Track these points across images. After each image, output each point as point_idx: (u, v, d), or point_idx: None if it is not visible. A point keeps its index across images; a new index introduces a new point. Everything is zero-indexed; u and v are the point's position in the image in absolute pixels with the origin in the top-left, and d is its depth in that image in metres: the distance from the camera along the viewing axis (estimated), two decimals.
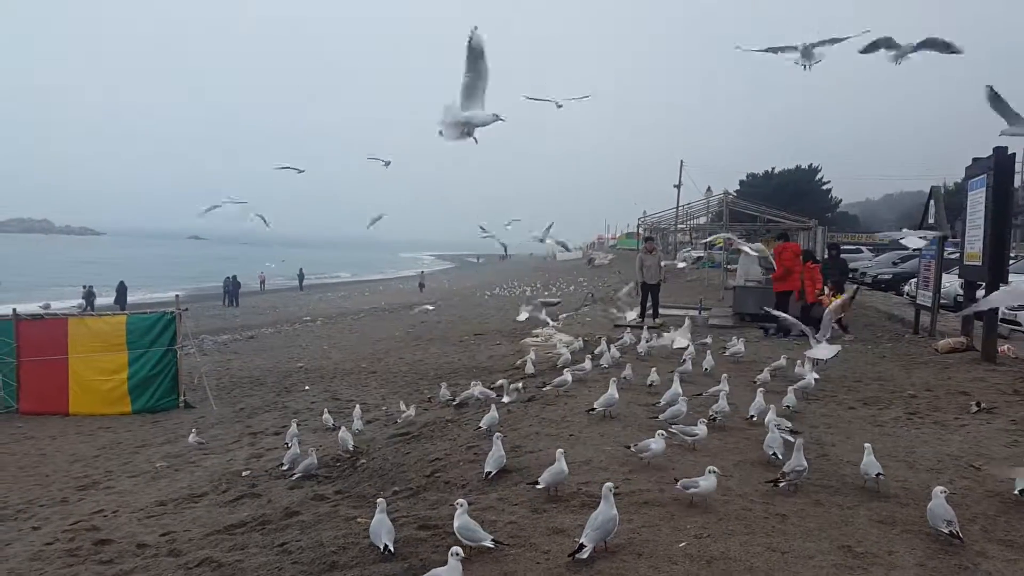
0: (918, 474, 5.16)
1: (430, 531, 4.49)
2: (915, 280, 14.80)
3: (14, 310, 14.24)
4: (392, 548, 4.09)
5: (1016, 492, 4.48)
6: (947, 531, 3.85)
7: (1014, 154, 10.26)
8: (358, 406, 9.71)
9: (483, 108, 5.65)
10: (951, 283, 14.72)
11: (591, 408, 6.94)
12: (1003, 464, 5.22)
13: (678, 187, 45.60)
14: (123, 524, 6.51)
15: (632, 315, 15.73)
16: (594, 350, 10.73)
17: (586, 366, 9.21)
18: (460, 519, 3.97)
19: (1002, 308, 12.36)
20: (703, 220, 40.04)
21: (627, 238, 69.09)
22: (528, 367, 10.88)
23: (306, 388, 13.79)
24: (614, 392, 6.88)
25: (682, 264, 15.02)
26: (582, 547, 3.74)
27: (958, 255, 12.30)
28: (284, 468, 7.45)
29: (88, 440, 11.16)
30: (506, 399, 8.52)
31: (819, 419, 6.96)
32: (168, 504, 7.02)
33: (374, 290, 49.90)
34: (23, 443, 11.03)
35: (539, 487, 4.78)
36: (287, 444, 8.15)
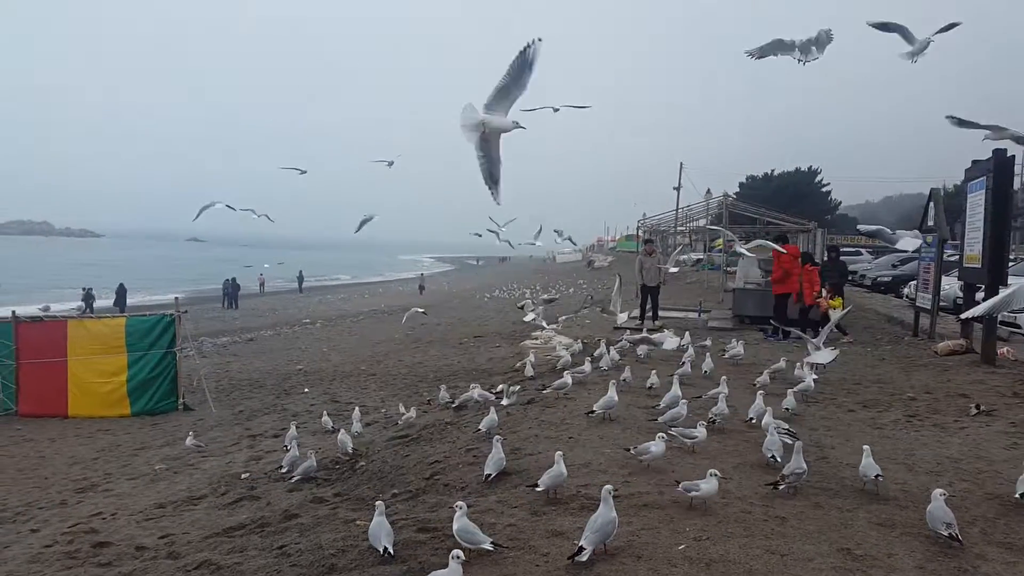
0: (917, 476, 5.16)
1: (429, 533, 4.49)
2: (915, 282, 14.81)
3: (13, 312, 14.22)
4: (392, 550, 4.09)
5: (1017, 495, 4.48)
6: (946, 533, 3.86)
7: (1013, 156, 10.27)
8: (357, 408, 9.71)
9: (506, 115, 5.61)
10: (950, 285, 14.73)
11: (590, 410, 6.94)
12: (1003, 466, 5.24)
13: (678, 189, 45.64)
14: (122, 526, 6.50)
15: (623, 316, 15.65)
16: (593, 352, 10.74)
17: (585, 368, 9.21)
18: (459, 521, 3.97)
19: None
20: (703, 222, 40.04)
21: (627, 240, 69.14)
22: (527, 369, 10.89)
23: (305, 390, 13.78)
24: (613, 394, 6.88)
25: (674, 268, 14.99)
26: (581, 550, 3.74)
27: (957, 257, 12.31)
28: (283, 470, 7.45)
29: (87, 442, 11.14)
30: (505, 402, 8.52)
31: (819, 421, 6.96)
32: (167, 506, 7.02)
33: (374, 292, 49.89)
34: (22, 445, 11.02)
35: (539, 489, 4.77)
36: (286, 446, 8.15)
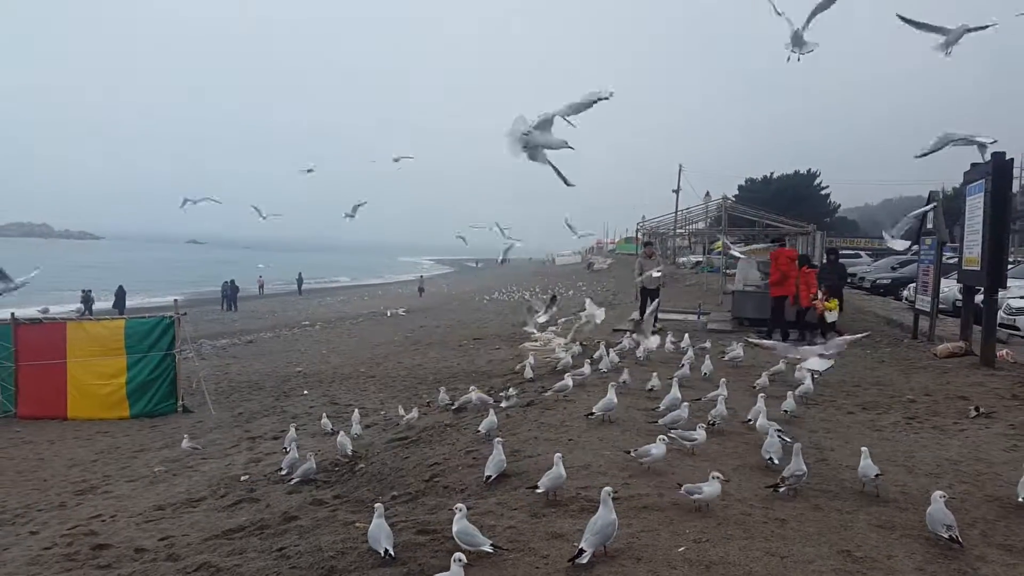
0: (917, 479, 5.16)
1: (429, 536, 4.48)
2: (914, 285, 14.82)
3: (12, 314, 14.22)
4: (393, 552, 4.08)
5: (1020, 499, 4.46)
6: (946, 535, 3.86)
7: (1012, 159, 10.30)
8: (357, 410, 9.71)
9: (551, 132, 5.64)
10: (950, 288, 14.75)
11: (590, 412, 6.94)
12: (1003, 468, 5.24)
13: (677, 192, 45.78)
14: (121, 529, 6.50)
15: (600, 313, 15.34)
16: (593, 355, 10.74)
17: (585, 371, 9.22)
18: (459, 524, 3.97)
19: (1000, 312, 12.39)
20: (702, 225, 40.10)
21: (626, 243, 69.18)
22: (527, 371, 10.90)
23: (305, 392, 13.77)
24: (613, 397, 6.88)
25: (657, 274, 14.99)
26: (582, 552, 3.74)
27: (957, 260, 12.32)
28: (283, 473, 7.45)
29: (86, 444, 11.13)
30: (504, 404, 8.52)
31: (818, 424, 6.96)
32: (166, 509, 7.01)
33: (373, 294, 49.88)
34: (21, 447, 11.01)
35: (538, 491, 4.77)
36: (286, 449, 8.14)
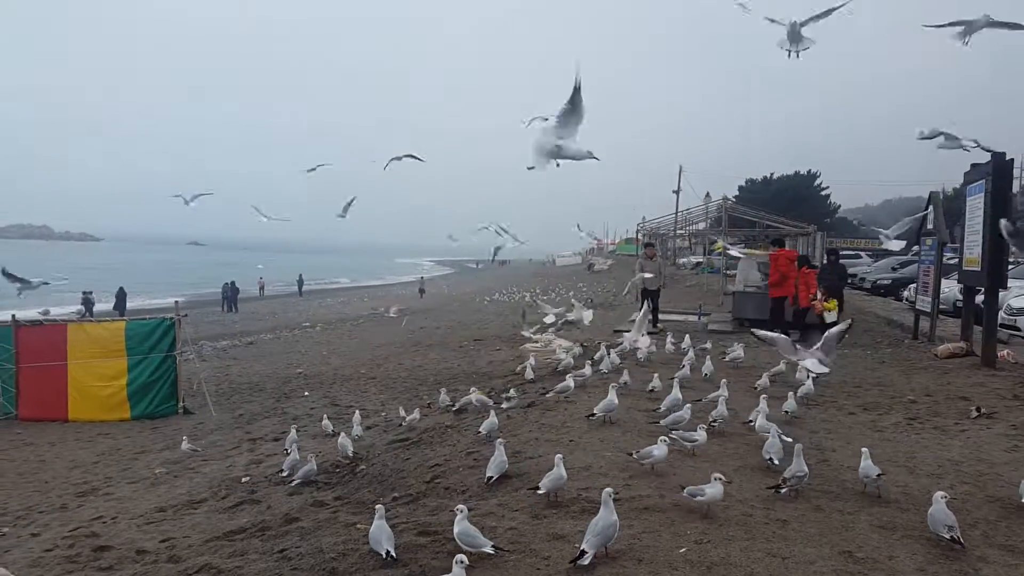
0: (918, 479, 5.16)
1: (430, 537, 4.48)
2: (914, 285, 14.82)
3: (13, 316, 14.23)
4: (394, 553, 4.08)
5: (1023, 500, 4.45)
6: (948, 536, 3.86)
7: (1012, 159, 10.30)
8: (358, 412, 9.71)
9: (575, 141, 5.63)
10: (950, 288, 14.74)
11: (591, 414, 6.93)
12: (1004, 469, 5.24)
13: (677, 193, 45.82)
14: (122, 530, 6.50)
15: (588, 314, 15.19)
16: (593, 356, 10.74)
17: (586, 372, 9.22)
18: (460, 525, 3.97)
19: (1001, 313, 12.38)
20: (702, 226, 40.12)
21: (626, 243, 69.17)
22: (528, 372, 10.90)
23: (305, 394, 13.77)
24: (613, 398, 6.87)
25: (649, 275, 15.00)
26: (583, 553, 3.74)
27: (957, 260, 12.32)
28: (284, 474, 7.45)
29: (87, 446, 11.14)
30: (505, 405, 8.53)
31: (819, 424, 6.96)
32: (167, 510, 7.01)
33: (374, 295, 49.84)
34: (22, 449, 11.02)
35: (539, 492, 4.77)
36: (286, 450, 8.14)
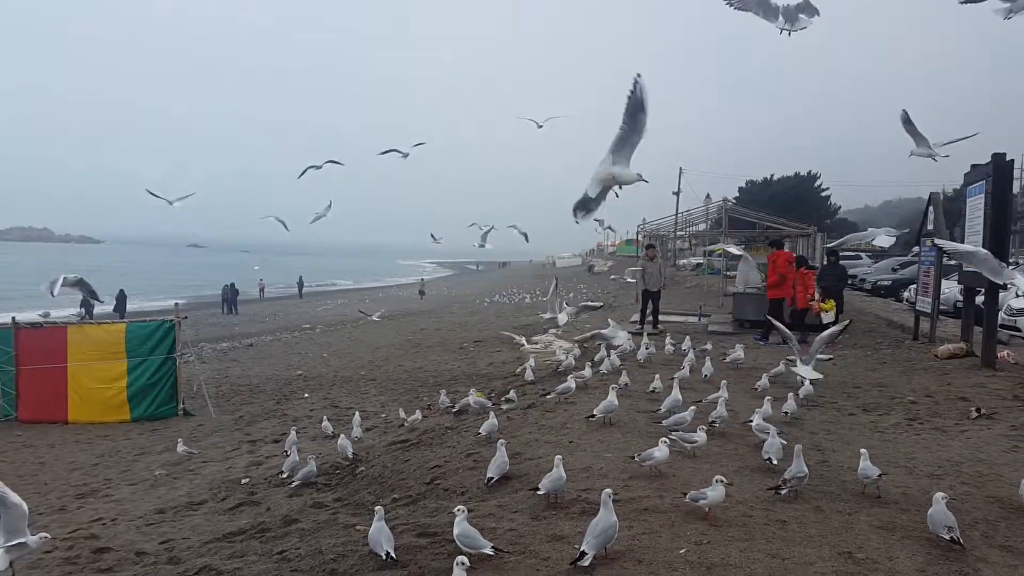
0: (918, 480, 5.15)
1: (429, 538, 4.48)
2: (914, 286, 14.83)
3: (13, 318, 14.23)
4: (394, 555, 4.08)
5: None
6: (948, 537, 3.85)
7: (1012, 160, 10.31)
8: (357, 413, 9.71)
9: (628, 164, 5.43)
10: (950, 289, 14.75)
11: (590, 415, 6.93)
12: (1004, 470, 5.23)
13: (677, 194, 45.78)
14: (122, 532, 6.49)
15: (563, 318, 14.89)
16: (593, 357, 10.73)
17: (585, 373, 9.21)
18: (460, 526, 3.96)
19: (1001, 313, 12.38)
20: (702, 227, 40.14)
21: (626, 245, 69.19)
22: (527, 374, 10.89)
23: (305, 396, 13.77)
24: (614, 399, 6.87)
25: (631, 279, 15.06)
26: (583, 555, 3.73)
27: (957, 261, 12.31)
28: (283, 476, 7.46)
29: (87, 448, 11.13)
30: (505, 407, 8.53)
31: (819, 425, 6.95)
32: (167, 512, 7.01)
33: (374, 297, 49.82)
34: (22, 451, 11.00)
35: (540, 493, 4.77)
36: (286, 452, 8.14)
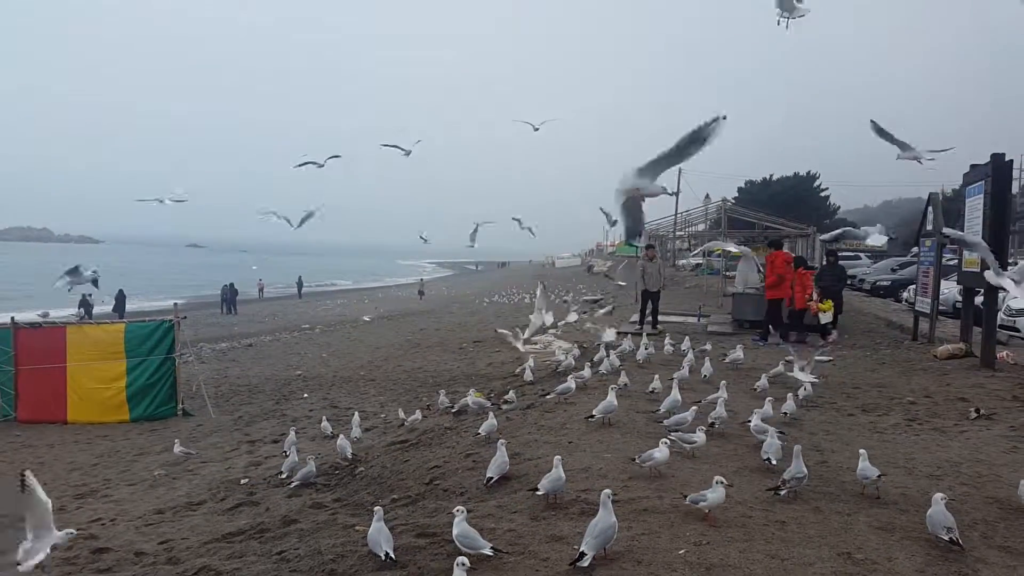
0: (917, 480, 5.15)
1: (428, 539, 4.48)
2: (913, 286, 14.84)
3: (12, 318, 14.21)
4: (393, 555, 4.08)
5: None
6: (947, 537, 3.85)
7: (1011, 160, 10.32)
8: (357, 414, 9.71)
9: (654, 180, 5.54)
10: (949, 290, 14.76)
11: (590, 415, 6.93)
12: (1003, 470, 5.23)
13: (676, 194, 45.74)
14: (121, 532, 6.49)
15: (548, 318, 14.77)
16: (593, 357, 10.73)
17: (585, 373, 9.21)
18: (459, 527, 3.96)
19: (1000, 314, 12.39)
20: (702, 227, 40.13)
21: (626, 245, 69.28)
22: (527, 374, 10.89)
23: (304, 396, 13.76)
24: (613, 399, 6.86)
25: (623, 282, 15.01)
26: (583, 555, 3.73)
27: (956, 262, 12.32)
28: (282, 476, 7.45)
29: (86, 448, 11.12)
30: (505, 408, 8.53)
31: (818, 426, 6.95)
32: (166, 512, 7.01)
33: (373, 297, 49.83)
34: (21, 452, 10.99)
35: (539, 494, 4.77)
36: (285, 452, 8.14)
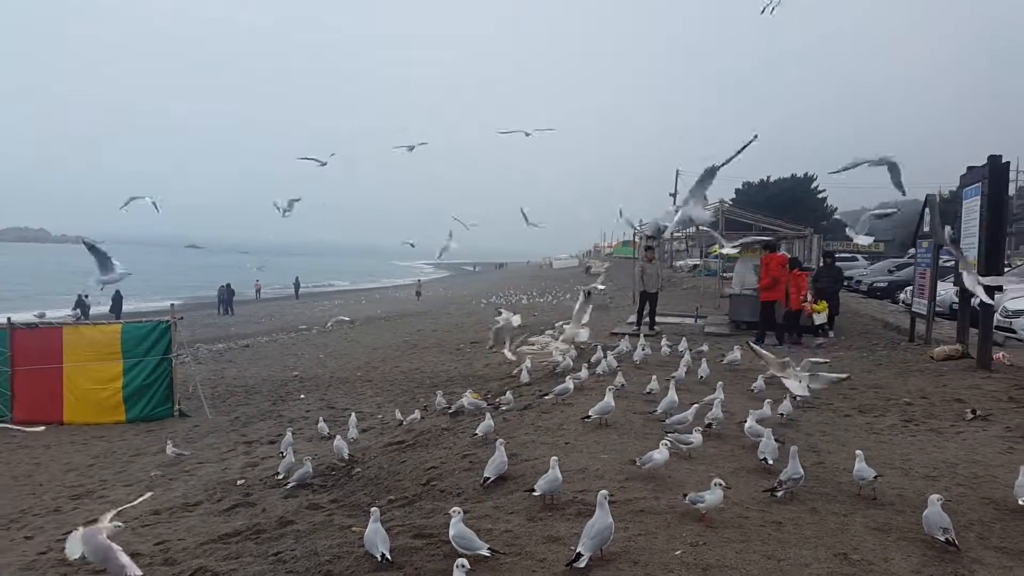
0: (914, 481, 5.16)
1: (425, 540, 4.47)
2: (910, 288, 14.87)
3: (8, 319, 14.18)
4: (389, 556, 4.07)
5: (1021, 501, 4.44)
6: (943, 538, 3.85)
7: (1008, 162, 10.33)
8: (353, 414, 9.70)
9: (701, 202, 6.14)
10: (946, 291, 14.78)
11: (586, 416, 6.93)
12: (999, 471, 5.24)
13: (674, 196, 45.93)
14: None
15: (517, 319, 14.64)
16: (590, 358, 10.73)
17: (582, 374, 9.22)
18: (456, 527, 3.96)
19: (997, 315, 12.43)
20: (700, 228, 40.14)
21: (623, 246, 69.44)
22: (523, 376, 10.89)
23: (301, 397, 13.74)
24: (610, 400, 6.86)
25: (602, 286, 15.02)
26: (579, 556, 3.73)
27: (953, 263, 12.34)
28: (279, 477, 7.43)
29: (82, 449, 11.09)
30: (502, 408, 8.53)
31: (815, 427, 6.96)
32: (162, 513, 6.98)
33: (370, 298, 49.80)
34: (17, 452, 10.96)
35: (536, 494, 4.77)
36: (282, 453, 8.13)
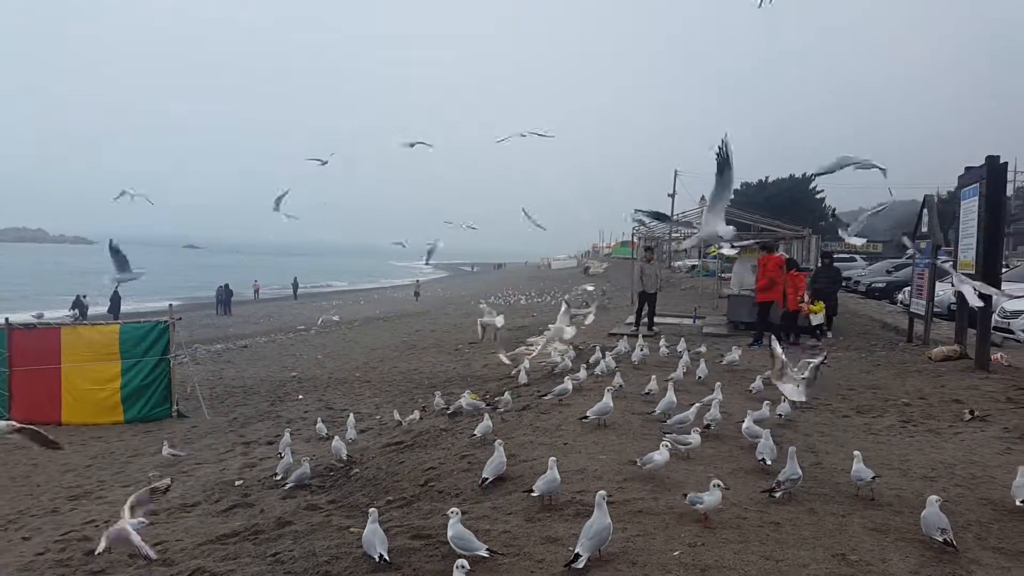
0: (912, 482, 5.17)
1: (423, 541, 4.47)
2: (908, 288, 14.88)
3: (6, 319, 14.15)
4: (387, 557, 4.07)
5: (1019, 502, 4.44)
6: (941, 539, 3.86)
7: (1006, 163, 10.34)
8: (352, 415, 9.69)
9: (721, 218, 5.93)
10: (944, 292, 14.79)
11: (584, 416, 6.93)
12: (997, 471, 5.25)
13: (672, 196, 45.99)
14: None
15: (500, 320, 14.73)
16: (589, 359, 10.73)
17: (581, 375, 9.21)
18: (454, 528, 3.96)
19: (995, 315, 12.43)
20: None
21: (622, 247, 69.51)
22: (521, 376, 10.88)
23: (299, 397, 13.73)
24: (608, 401, 6.87)
25: (591, 287, 15.09)
26: (578, 556, 3.73)
27: (951, 264, 12.35)
28: (277, 478, 7.42)
29: (80, 450, 11.06)
30: (501, 408, 8.53)
31: (813, 427, 6.97)
32: (160, 513, 6.96)
33: (369, 299, 49.76)
34: (14, 453, 10.92)
35: (534, 495, 4.77)
36: (280, 454, 8.12)
